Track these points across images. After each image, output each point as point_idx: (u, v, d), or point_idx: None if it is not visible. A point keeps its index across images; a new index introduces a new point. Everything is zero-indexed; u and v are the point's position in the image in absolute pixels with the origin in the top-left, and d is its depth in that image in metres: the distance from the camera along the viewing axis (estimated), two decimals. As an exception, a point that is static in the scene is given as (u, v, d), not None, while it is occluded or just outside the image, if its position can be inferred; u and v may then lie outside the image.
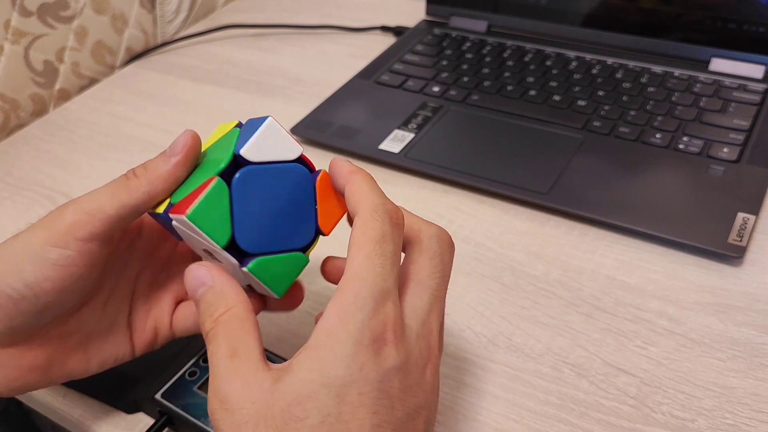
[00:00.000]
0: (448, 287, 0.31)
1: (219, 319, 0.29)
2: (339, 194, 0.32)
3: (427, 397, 0.28)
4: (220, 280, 0.30)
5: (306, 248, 0.32)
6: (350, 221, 0.31)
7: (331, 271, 0.34)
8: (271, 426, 0.25)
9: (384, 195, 0.30)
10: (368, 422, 0.26)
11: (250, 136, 0.30)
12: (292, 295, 0.35)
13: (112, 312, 0.35)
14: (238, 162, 0.30)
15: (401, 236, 0.29)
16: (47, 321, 0.32)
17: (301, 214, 0.31)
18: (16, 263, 0.30)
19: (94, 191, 0.31)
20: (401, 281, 0.30)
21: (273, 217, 0.30)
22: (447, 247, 0.31)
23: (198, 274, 0.30)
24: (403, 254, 0.31)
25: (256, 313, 0.33)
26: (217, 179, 0.30)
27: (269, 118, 0.31)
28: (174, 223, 0.31)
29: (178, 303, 0.37)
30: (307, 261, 0.32)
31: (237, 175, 0.30)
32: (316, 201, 0.32)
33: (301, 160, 0.31)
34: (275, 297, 0.32)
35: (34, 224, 0.31)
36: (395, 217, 0.29)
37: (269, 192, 0.30)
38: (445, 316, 0.43)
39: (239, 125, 0.33)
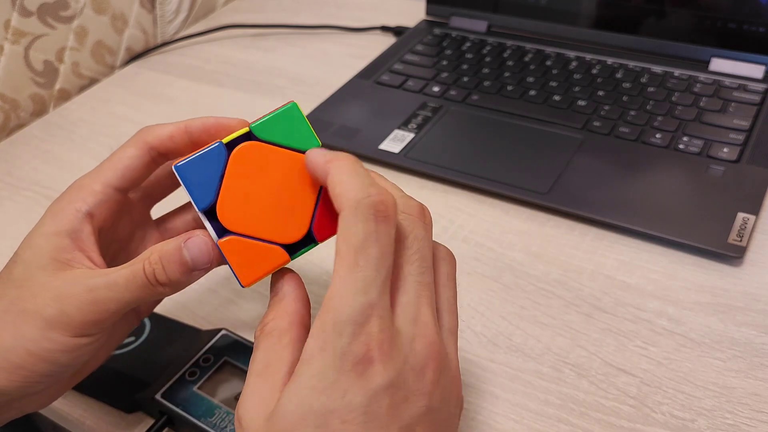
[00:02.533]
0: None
1: (264, 328, 0.29)
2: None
3: (430, 400, 0.27)
4: (286, 288, 0.30)
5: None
6: None
7: None
8: None
9: (368, 182, 0.27)
10: None
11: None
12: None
13: None
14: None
15: (391, 229, 0.27)
16: None
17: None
18: (48, 355, 0.30)
19: (113, 284, 0.30)
20: None
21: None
22: (418, 220, 0.29)
23: (275, 286, 0.30)
24: None
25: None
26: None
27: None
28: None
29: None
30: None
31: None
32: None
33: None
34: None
35: (45, 310, 0.30)
36: (381, 209, 0.26)
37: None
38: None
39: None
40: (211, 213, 0.30)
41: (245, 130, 0.30)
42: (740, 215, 0.47)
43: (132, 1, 0.75)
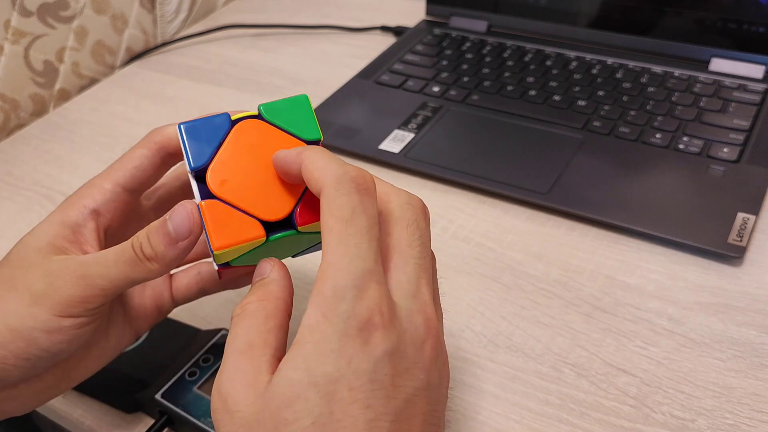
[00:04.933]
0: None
1: (246, 308, 0.28)
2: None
3: (429, 376, 0.27)
4: (274, 275, 0.29)
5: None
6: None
7: None
8: (262, 431, 0.25)
9: (344, 162, 0.28)
10: (362, 418, 0.24)
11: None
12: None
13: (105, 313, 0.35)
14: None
15: (374, 203, 0.27)
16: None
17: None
18: (28, 333, 0.30)
19: (103, 259, 0.30)
20: (381, 257, 0.28)
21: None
22: (420, 213, 0.30)
23: (262, 268, 0.29)
24: None
25: None
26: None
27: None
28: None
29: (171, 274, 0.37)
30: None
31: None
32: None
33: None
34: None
35: (34, 285, 0.30)
36: (363, 183, 0.27)
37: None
38: (445, 315, 0.43)
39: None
40: (201, 176, 0.30)
41: (254, 112, 0.31)
42: (740, 215, 0.47)
43: (132, 1, 0.75)
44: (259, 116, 0.31)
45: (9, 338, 0.30)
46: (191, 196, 0.37)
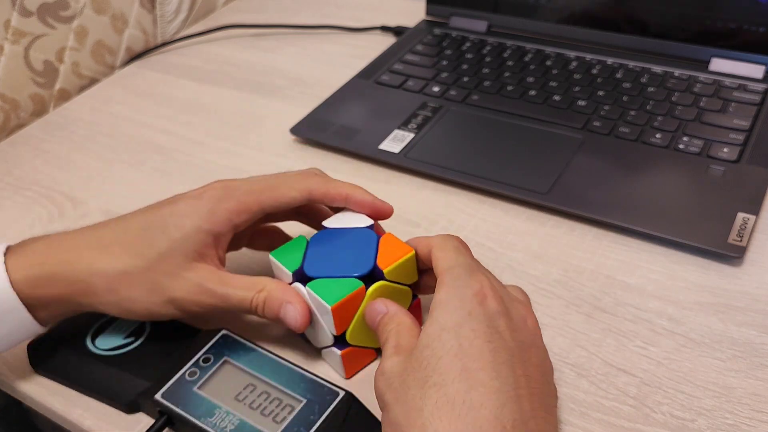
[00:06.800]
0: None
1: (391, 330, 0.35)
2: (399, 246, 0.39)
3: (534, 339, 0.34)
4: (392, 308, 0.37)
5: (365, 279, 0.38)
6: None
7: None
8: (414, 376, 0.32)
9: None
10: (486, 348, 0.31)
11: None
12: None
13: None
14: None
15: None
16: None
17: (362, 254, 0.39)
18: (155, 314, 0.39)
19: (228, 299, 0.38)
20: None
21: (337, 257, 0.39)
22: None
23: (375, 307, 0.37)
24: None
25: None
26: (300, 237, 0.41)
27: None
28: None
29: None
30: (361, 285, 0.38)
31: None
32: (377, 249, 0.39)
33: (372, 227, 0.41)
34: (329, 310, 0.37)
35: (176, 293, 0.38)
36: (468, 250, 0.39)
37: (339, 243, 0.40)
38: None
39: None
40: (340, 338, 0.39)
41: (382, 283, 0.38)
42: (740, 215, 0.47)
43: (132, 1, 0.75)
44: (384, 277, 0.38)
45: (140, 311, 0.38)
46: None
